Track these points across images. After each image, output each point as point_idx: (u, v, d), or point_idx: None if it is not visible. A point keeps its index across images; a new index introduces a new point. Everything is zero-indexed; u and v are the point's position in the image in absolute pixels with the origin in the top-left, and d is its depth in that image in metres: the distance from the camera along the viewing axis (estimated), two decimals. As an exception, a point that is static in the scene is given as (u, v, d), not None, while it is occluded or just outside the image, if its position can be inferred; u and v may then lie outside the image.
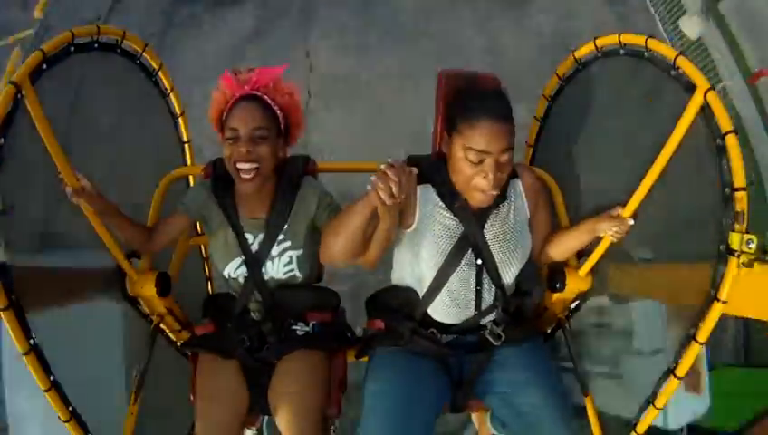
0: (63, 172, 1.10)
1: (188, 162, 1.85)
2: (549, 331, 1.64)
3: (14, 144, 1.02)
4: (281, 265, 1.39)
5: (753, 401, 2.30)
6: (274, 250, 1.38)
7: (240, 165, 1.24)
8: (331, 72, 4.23)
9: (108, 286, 1.40)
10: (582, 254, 1.43)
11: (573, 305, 1.56)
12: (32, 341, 1.01)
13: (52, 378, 1.05)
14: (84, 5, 4.67)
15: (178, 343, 1.65)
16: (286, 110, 1.33)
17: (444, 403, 1.31)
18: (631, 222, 1.21)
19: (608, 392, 1.43)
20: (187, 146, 1.83)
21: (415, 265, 1.30)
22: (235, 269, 1.39)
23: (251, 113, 1.25)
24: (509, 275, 1.31)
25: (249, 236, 1.37)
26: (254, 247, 1.37)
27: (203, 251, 2.03)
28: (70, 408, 1.09)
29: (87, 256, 1.33)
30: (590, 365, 1.47)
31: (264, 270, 1.39)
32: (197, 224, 1.62)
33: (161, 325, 1.53)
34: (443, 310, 1.32)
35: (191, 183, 1.82)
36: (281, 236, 1.37)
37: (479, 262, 1.28)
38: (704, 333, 1.03)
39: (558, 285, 1.42)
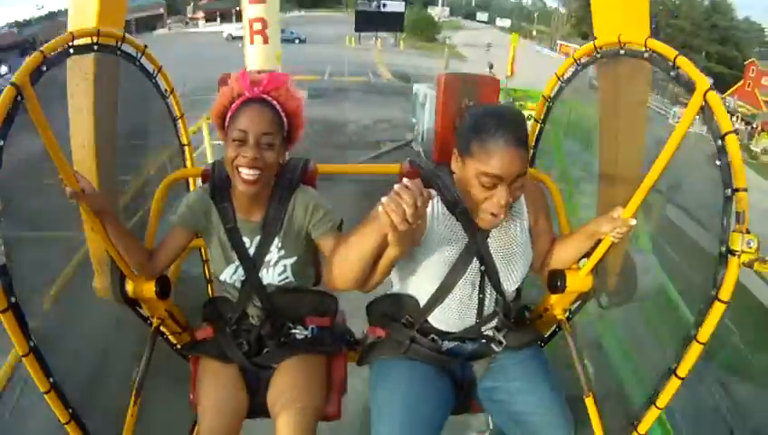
0: (63, 173, 1.10)
1: (188, 164, 1.85)
2: (549, 332, 1.64)
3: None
4: (275, 274, 1.38)
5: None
6: (269, 258, 1.37)
7: (243, 170, 1.21)
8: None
9: None
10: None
11: (574, 306, 1.56)
12: (31, 343, 1.01)
13: (51, 380, 1.04)
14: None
15: (178, 346, 1.64)
16: (292, 116, 1.30)
17: (451, 405, 1.30)
18: (633, 222, 1.21)
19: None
20: (186, 148, 1.83)
21: (418, 274, 1.29)
22: (231, 274, 1.38)
23: (262, 117, 1.22)
24: (511, 284, 1.30)
25: (246, 240, 1.36)
26: (252, 251, 1.37)
27: (203, 253, 2.03)
28: (69, 410, 1.08)
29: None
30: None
31: (260, 275, 1.38)
32: (197, 232, 1.62)
33: (161, 328, 1.53)
34: (444, 318, 1.31)
35: (191, 185, 1.82)
36: (277, 243, 1.36)
37: (482, 269, 1.27)
38: (704, 333, 1.03)
39: (559, 284, 1.41)
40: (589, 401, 1.39)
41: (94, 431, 1.15)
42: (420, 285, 1.30)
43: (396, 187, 0.89)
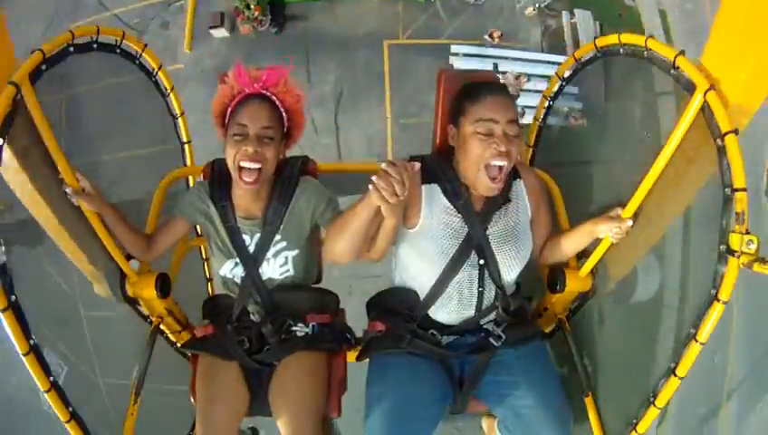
0: (63, 172, 1.11)
1: (188, 163, 1.85)
2: (549, 330, 1.64)
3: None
4: (276, 266, 1.38)
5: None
6: (270, 251, 1.37)
7: (244, 164, 1.23)
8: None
9: None
10: (582, 254, 1.43)
11: (574, 305, 1.56)
12: (32, 341, 1.01)
13: (51, 379, 1.04)
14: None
15: (178, 344, 1.64)
16: (291, 112, 1.32)
17: (447, 403, 1.30)
18: (630, 223, 1.21)
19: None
20: (187, 146, 1.83)
21: (418, 267, 1.30)
22: (230, 270, 1.38)
23: (261, 112, 1.24)
24: (510, 275, 1.31)
25: (246, 238, 1.37)
26: (251, 248, 1.37)
27: (203, 252, 2.03)
28: (70, 409, 1.09)
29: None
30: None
31: (261, 271, 1.38)
32: (197, 225, 1.62)
33: (161, 326, 1.53)
34: (444, 311, 1.32)
35: (191, 183, 1.82)
36: (277, 237, 1.37)
37: (482, 262, 1.27)
38: (704, 333, 1.03)
39: (558, 286, 1.41)
40: (588, 401, 1.39)
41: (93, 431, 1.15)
42: (420, 277, 1.31)
43: (382, 165, 0.98)
